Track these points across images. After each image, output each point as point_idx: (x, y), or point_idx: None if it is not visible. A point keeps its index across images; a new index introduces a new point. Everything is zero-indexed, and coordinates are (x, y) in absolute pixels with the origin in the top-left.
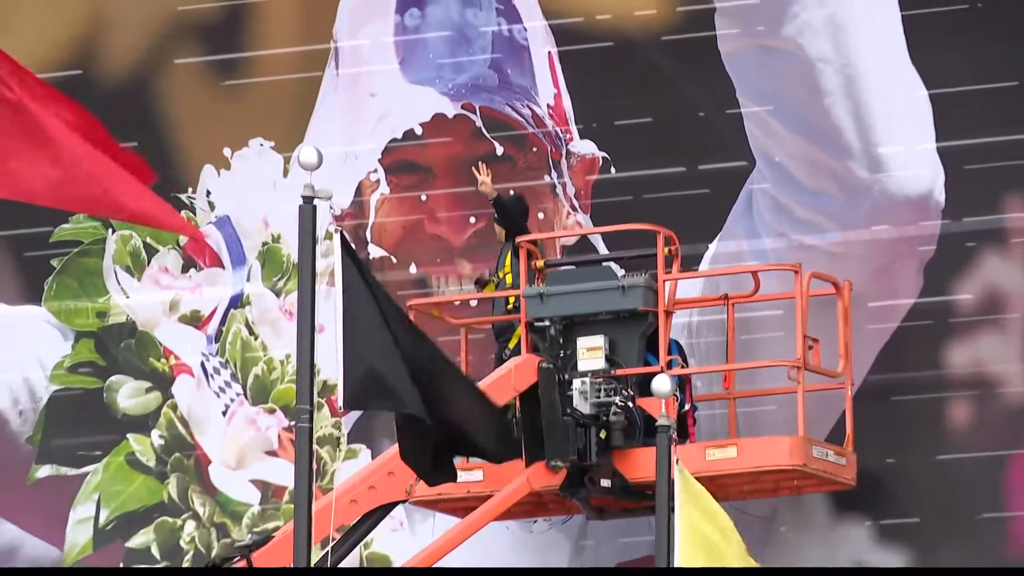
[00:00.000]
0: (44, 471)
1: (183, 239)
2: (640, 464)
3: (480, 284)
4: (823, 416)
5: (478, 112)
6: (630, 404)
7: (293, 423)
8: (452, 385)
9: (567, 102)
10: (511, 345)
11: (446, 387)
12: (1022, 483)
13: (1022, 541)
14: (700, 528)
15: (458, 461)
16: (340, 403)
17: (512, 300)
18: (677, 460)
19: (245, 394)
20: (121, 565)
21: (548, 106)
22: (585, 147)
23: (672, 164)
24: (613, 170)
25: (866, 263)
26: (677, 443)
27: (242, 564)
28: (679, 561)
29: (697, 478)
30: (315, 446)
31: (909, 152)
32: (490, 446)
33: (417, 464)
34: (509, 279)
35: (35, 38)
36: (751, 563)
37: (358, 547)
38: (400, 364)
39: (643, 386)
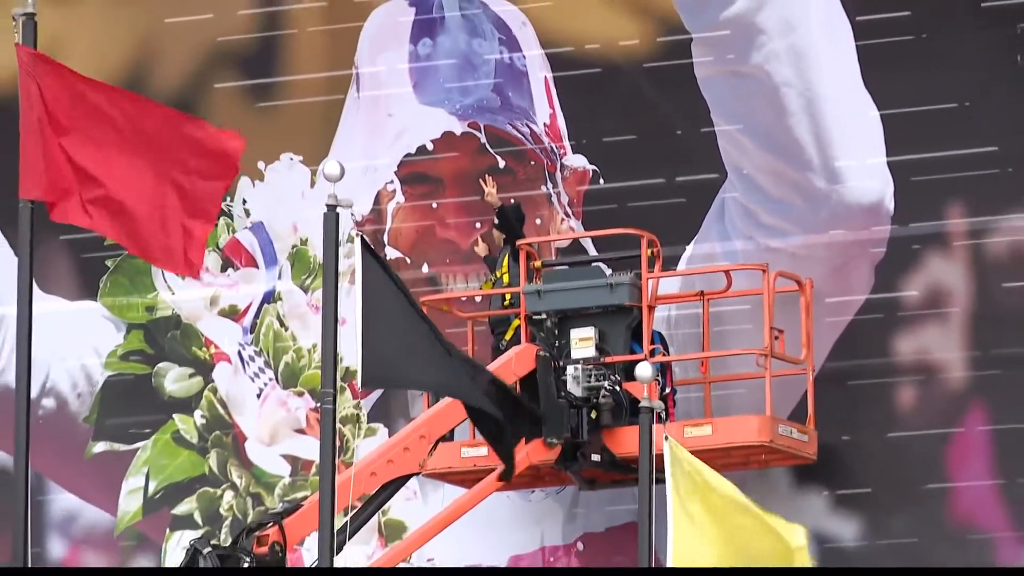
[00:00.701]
0: (99, 447)
1: (222, 242)
2: (626, 441)
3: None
4: (787, 398)
5: (482, 130)
6: (617, 388)
7: (319, 404)
8: (465, 368)
9: (561, 121)
10: (507, 337)
11: (461, 370)
12: (962, 458)
13: (962, 509)
14: (690, 493)
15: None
16: (359, 383)
17: (508, 297)
18: (667, 436)
19: (276, 379)
20: (167, 530)
21: (544, 125)
22: (577, 161)
23: (653, 176)
24: (602, 181)
25: (824, 263)
26: (660, 422)
27: (275, 530)
28: (672, 525)
29: None
30: (338, 425)
31: (862, 165)
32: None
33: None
34: (507, 278)
35: (91, 64)
36: (756, 515)
37: (376, 514)
38: (416, 348)
39: (628, 372)
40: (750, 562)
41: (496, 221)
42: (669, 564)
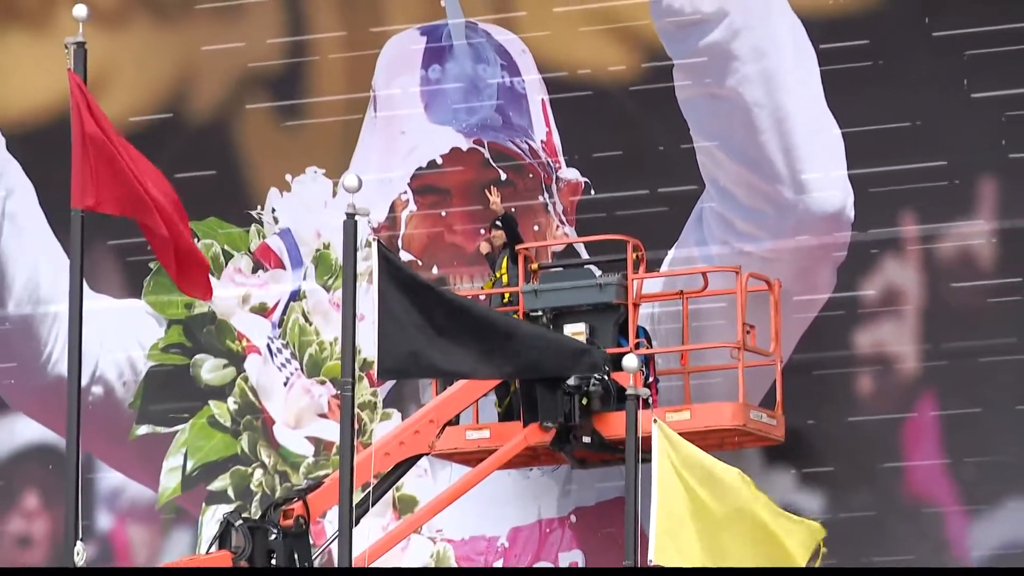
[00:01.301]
0: (143, 430)
1: (253, 246)
2: (614, 425)
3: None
4: (758, 386)
5: (486, 146)
6: (606, 377)
7: (339, 392)
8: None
9: (556, 138)
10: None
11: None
12: (914, 440)
13: (915, 485)
14: (677, 471)
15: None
16: (375, 375)
17: (507, 296)
18: (656, 419)
19: (301, 369)
20: (203, 504)
21: (541, 141)
22: (570, 174)
23: (639, 187)
24: (593, 192)
25: (792, 265)
26: (644, 407)
27: (299, 504)
28: (656, 501)
29: None
30: (356, 410)
31: (826, 178)
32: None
33: None
34: (505, 279)
35: (137, 88)
36: (744, 490)
37: (391, 490)
38: (427, 340)
39: (616, 363)
40: (738, 539)
41: (500, 224)
42: (652, 535)
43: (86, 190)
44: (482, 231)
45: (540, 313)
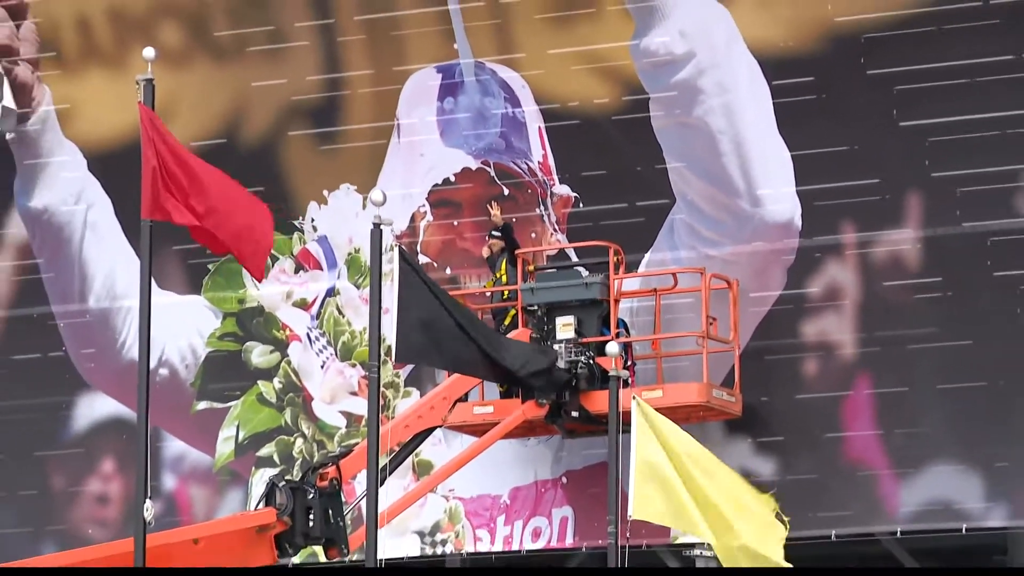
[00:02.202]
0: (202, 405)
1: (296, 250)
2: (598, 401)
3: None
4: (719, 369)
5: (492, 166)
6: (591, 361)
7: (367, 373)
8: (490, 339)
9: (551, 160)
10: (506, 323)
11: (484, 342)
12: (852, 414)
13: (852, 452)
14: (656, 449)
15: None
16: (393, 358)
17: (506, 293)
18: (635, 396)
19: (335, 354)
20: (253, 468)
21: (538, 162)
22: (563, 190)
23: (620, 201)
24: (581, 205)
25: (748, 267)
26: (624, 387)
27: (333, 468)
28: (635, 470)
29: None
30: (381, 389)
31: (777, 193)
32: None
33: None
34: (504, 278)
35: (197, 118)
36: (708, 456)
37: (410, 456)
38: (439, 334)
39: (599, 349)
40: (706, 497)
41: (499, 234)
42: (631, 494)
43: (153, 204)
44: (487, 238)
45: (536, 307)
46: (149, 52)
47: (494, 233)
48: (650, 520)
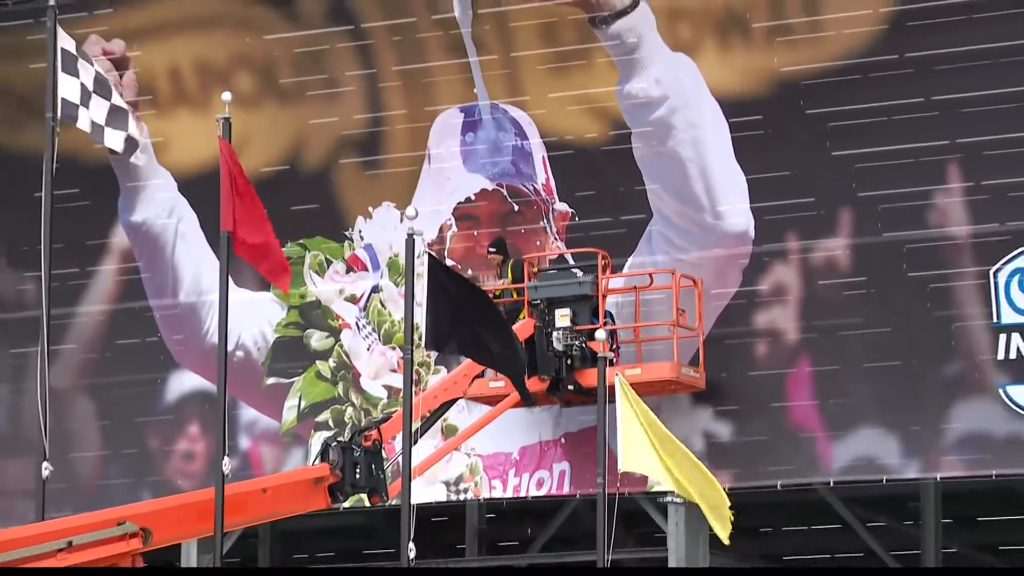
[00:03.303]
0: (271, 380)
1: (346, 255)
2: (589, 377)
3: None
4: (687, 351)
5: (505, 188)
6: (583, 345)
7: (403, 355)
8: (500, 333)
9: (552, 182)
10: (520, 316)
11: (496, 335)
12: (794, 387)
13: (795, 419)
14: (634, 412)
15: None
16: (424, 345)
17: (515, 292)
18: (618, 374)
19: (379, 339)
20: (311, 431)
21: (542, 184)
22: (561, 207)
23: (607, 216)
24: (576, 219)
25: (711, 269)
26: (610, 366)
27: (375, 432)
28: (621, 433)
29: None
30: (415, 367)
31: (734, 209)
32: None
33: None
34: (511, 279)
35: (266, 149)
36: (666, 434)
37: (439, 421)
38: (461, 327)
39: (590, 336)
40: (676, 453)
41: (494, 249)
42: (619, 451)
43: (229, 218)
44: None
45: (539, 302)
46: (227, 96)
47: (490, 250)
48: (636, 471)
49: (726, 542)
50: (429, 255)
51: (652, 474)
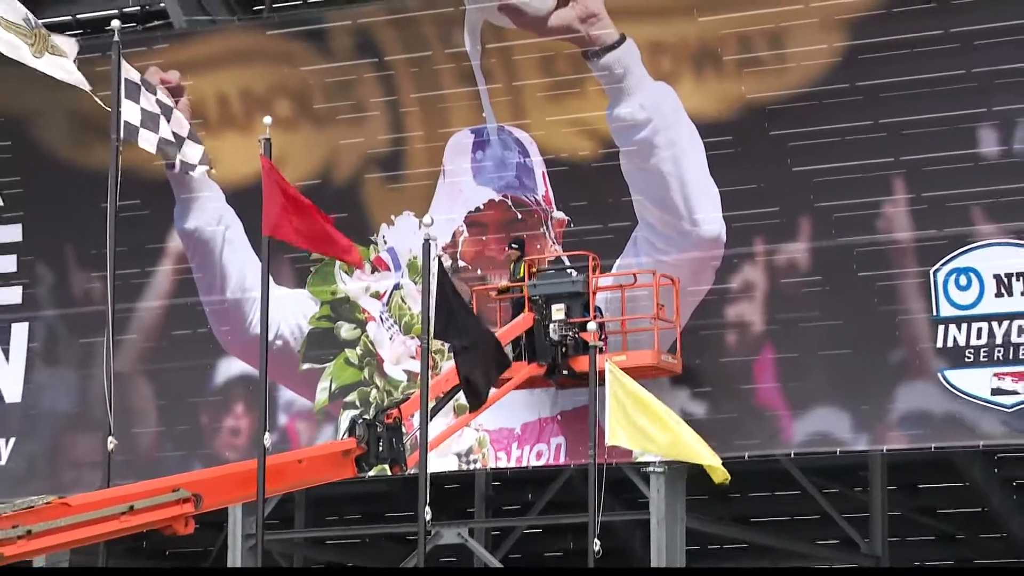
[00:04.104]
0: (306, 366)
1: (372, 257)
2: (582, 363)
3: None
4: (666, 340)
5: (510, 199)
6: (576, 335)
7: (421, 344)
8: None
9: (551, 194)
10: (525, 310)
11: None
12: (760, 371)
13: (760, 399)
14: (623, 396)
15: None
16: (434, 335)
17: (522, 288)
18: (607, 360)
19: (400, 329)
20: (341, 410)
21: (542, 196)
22: (559, 215)
23: (598, 223)
24: (572, 225)
25: (688, 269)
26: (600, 353)
27: (396, 410)
28: (608, 412)
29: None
30: (431, 354)
31: (708, 217)
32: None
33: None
34: (523, 275)
35: (301, 165)
36: (661, 411)
37: (451, 401)
38: (462, 321)
39: (582, 327)
40: (673, 431)
41: (516, 246)
42: (607, 427)
43: (270, 225)
44: (506, 249)
45: (538, 298)
46: (267, 120)
47: (512, 245)
48: (619, 445)
49: (725, 481)
50: (439, 261)
51: (634, 446)
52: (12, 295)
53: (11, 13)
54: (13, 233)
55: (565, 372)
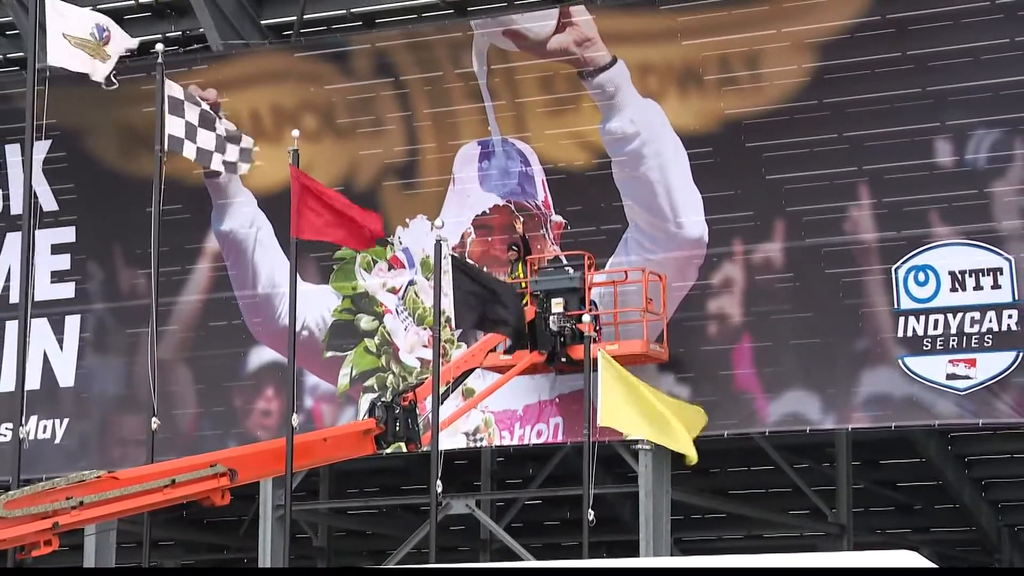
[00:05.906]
0: (329, 353)
1: (388, 256)
2: (578, 352)
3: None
4: (655, 331)
5: (512, 204)
6: (573, 327)
7: (432, 334)
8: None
9: (550, 199)
10: (524, 303)
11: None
12: (738, 358)
13: (738, 383)
14: (615, 382)
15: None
16: (453, 325)
17: (523, 284)
18: (600, 349)
19: (414, 321)
20: (361, 393)
21: (542, 201)
22: (557, 218)
23: (593, 225)
24: (569, 228)
25: (673, 267)
26: (594, 343)
27: (411, 393)
28: (601, 395)
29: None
30: (441, 343)
31: (692, 220)
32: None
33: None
34: (521, 274)
35: (325, 174)
36: (658, 394)
37: (460, 385)
38: (477, 307)
39: (578, 319)
40: (658, 414)
41: (516, 248)
42: (600, 410)
43: (297, 228)
44: (508, 250)
45: (538, 293)
46: (295, 133)
47: (512, 247)
48: (611, 426)
49: (692, 462)
50: (452, 256)
51: (624, 428)
52: (66, 290)
53: (76, 29)
54: (67, 234)
55: (563, 359)
